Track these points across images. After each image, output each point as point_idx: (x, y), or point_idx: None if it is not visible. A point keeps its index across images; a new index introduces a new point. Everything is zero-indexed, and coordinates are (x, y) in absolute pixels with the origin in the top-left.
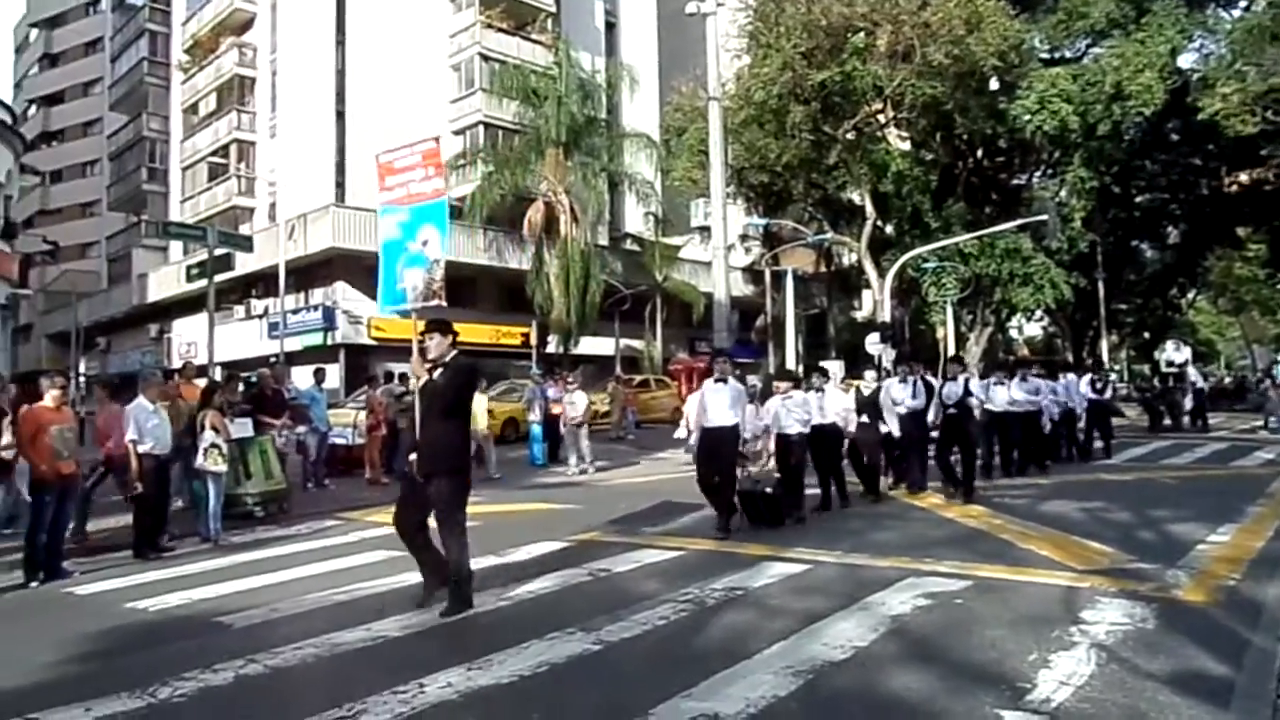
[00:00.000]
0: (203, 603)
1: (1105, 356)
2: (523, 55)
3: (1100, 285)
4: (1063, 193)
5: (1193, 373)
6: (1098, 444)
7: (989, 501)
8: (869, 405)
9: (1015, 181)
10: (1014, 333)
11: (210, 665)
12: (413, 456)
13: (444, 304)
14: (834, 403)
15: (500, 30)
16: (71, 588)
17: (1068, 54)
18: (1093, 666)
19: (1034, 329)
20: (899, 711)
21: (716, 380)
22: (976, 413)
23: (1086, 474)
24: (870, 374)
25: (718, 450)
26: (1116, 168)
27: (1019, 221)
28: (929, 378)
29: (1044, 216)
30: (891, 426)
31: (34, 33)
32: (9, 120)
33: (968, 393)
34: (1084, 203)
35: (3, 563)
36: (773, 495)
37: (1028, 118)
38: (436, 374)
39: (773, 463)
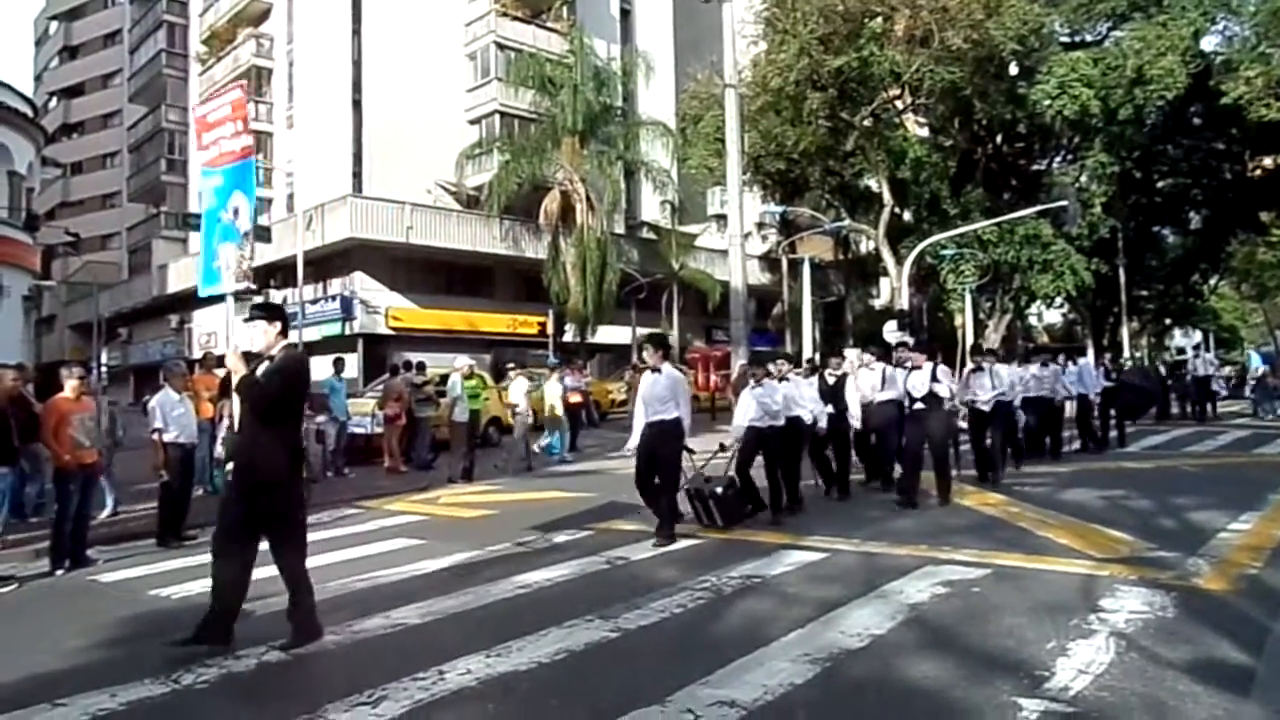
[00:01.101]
0: None
1: (1126, 343)
2: (538, 43)
3: (1121, 271)
4: (1083, 178)
5: (1200, 361)
6: (1113, 433)
7: (1007, 490)
8: (832, 395)
9: (1035, 167)
10: (1033, 320)
11: (232, 652)
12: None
13: (252, 286)
14: (802, 393)
15: (515, 18)
16: (96, 575)
17: (1088, 38)
18: (1112, 655)
19: (1054, 316)
20: (917, 700)
21: (651, 370)
22: (955, 404)
23: (1106, 462)
24: (852, 354)
25: (656, 447)
26: (1138, 152)
27: (1039, 207)
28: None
29: (1064, 202)
30: (854, 418)
31: (54, 25)
32: (30, 113)
33: (935, 380)
34: (1105, 188)
35: (29, 550)
36: (724, 495)
37: (1048, 102)
38: (260, 369)
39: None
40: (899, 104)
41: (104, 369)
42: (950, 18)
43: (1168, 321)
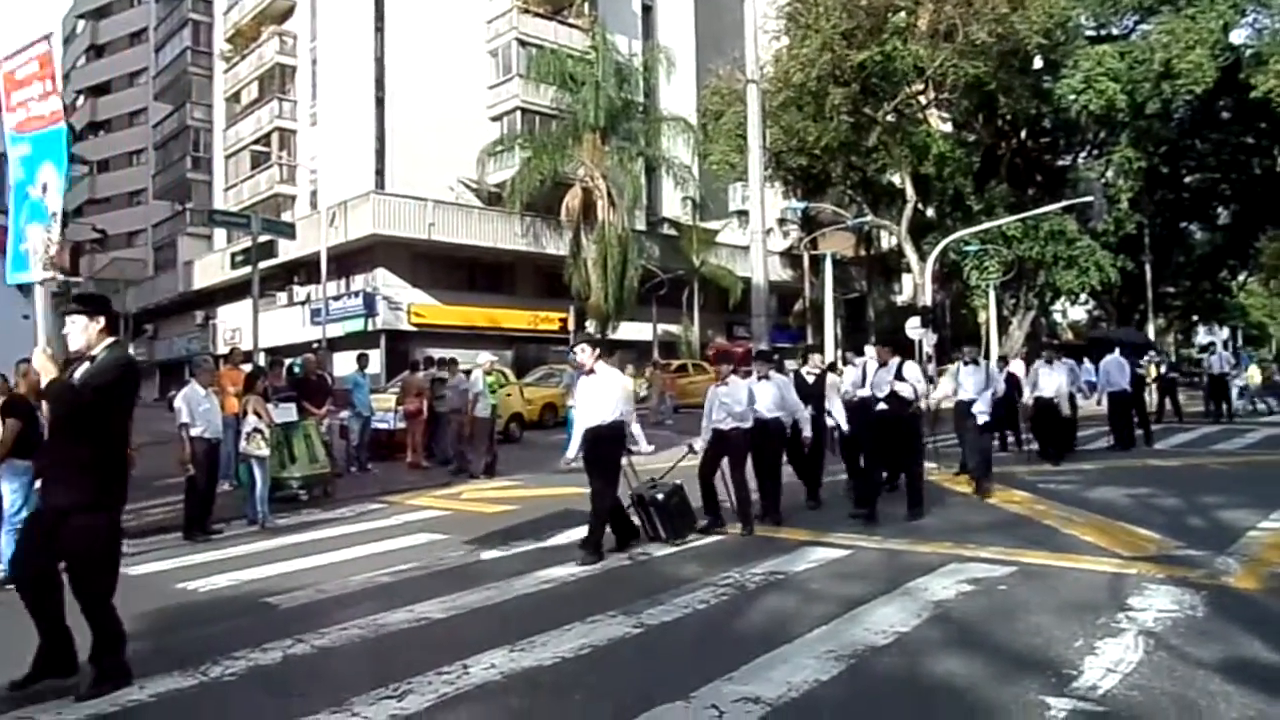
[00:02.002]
0: (251, 584)
1: (1152, 340)
2: (560, 40)
3: (1148, 268)
4: (1109, 173)
5: (1216, 359)
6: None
7: (1032, 487)
8: (814, 396)
9: (1060, 162)
10: (1058, 316)
11: (259, 645)
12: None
13: (68, 276)
14: (770, 394)
15: (537, 15)
16: (124, 568)
17: (1115, 31)
18: (1141, 654)
19: (1079, 313)
20: (943, 698)
21: (586, 372)
22: (926, 403)
23: (1132, 459)
24: (872, 350)
25: (594, 453)
26: (1165, 147)
27: (1064, 203)
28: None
29: (1090, 198)
30: (838, 419)
31: (81, 24)
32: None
33: (900, 379)
34: (1131, 183)
35: None
36: (666, 504)
37: (1073, 97)
38: (78, 372)
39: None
40: (922, 99)
41: None
42: (974, 12)
43: (1195, 319)
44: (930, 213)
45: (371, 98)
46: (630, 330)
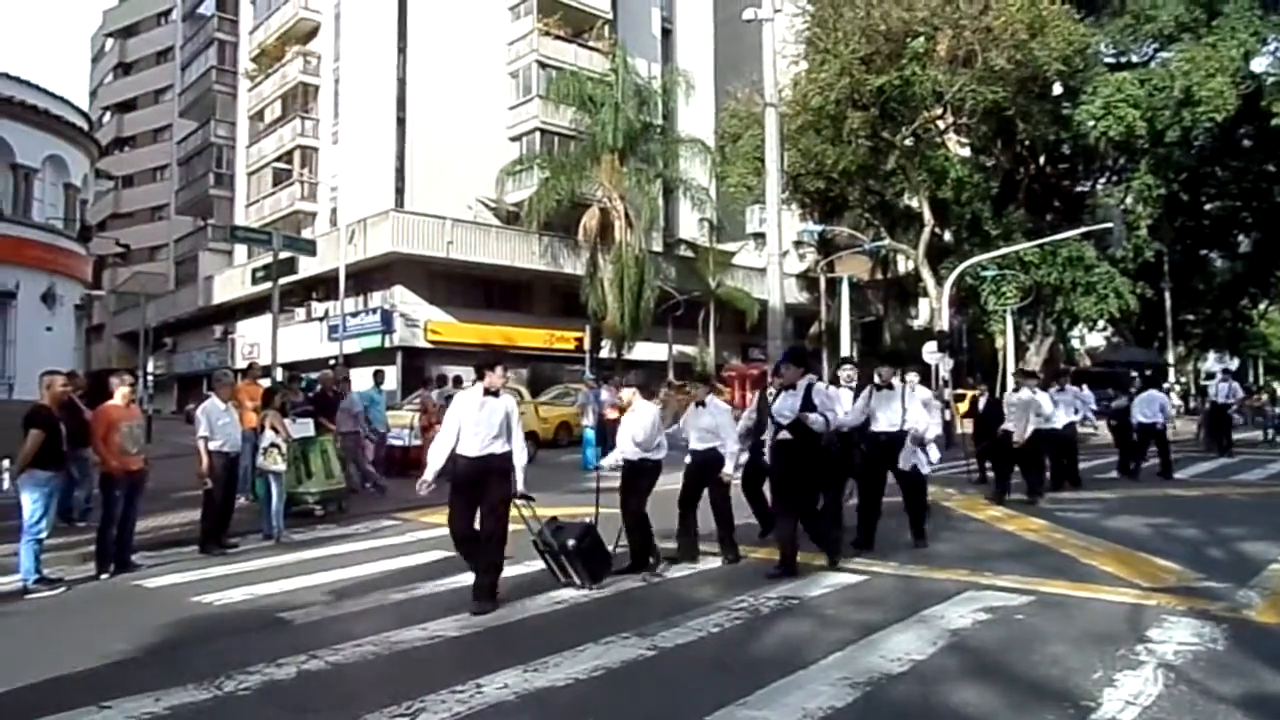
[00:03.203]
0: (266, 598)
1: (1171, 368)
2: (579, 62)
3: (1167, 295)
4: (1128, 200)
5: (1222, 387)
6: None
7: (1050, 515)
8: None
9: (1079, 188)
10: (1075, 343)
11: (274, 660)
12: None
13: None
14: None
15: (557, 38)
16: (140, 580)
17: (1135, 58)
18: (1160, 687)
19: (1097, 339)
20: None
21: (486, 394)
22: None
23: (1152, 489)
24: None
25: (484, 487)
26: (1185, 174)
27: (1082, 229)
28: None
29: (1109, 224)
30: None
31: (109, 42)
32: (86, 127)
33: (809, 406)
34: (1151, 210)
35: (76, 554)
36: (579, 548)
37: (1092, 123)
38: None
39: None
40: (940, 124)
41: (150, 378)
42: (994, 38)
43: (1209, 347)
44: (948, 237)
45: (393, 117)
46: (646, 351)
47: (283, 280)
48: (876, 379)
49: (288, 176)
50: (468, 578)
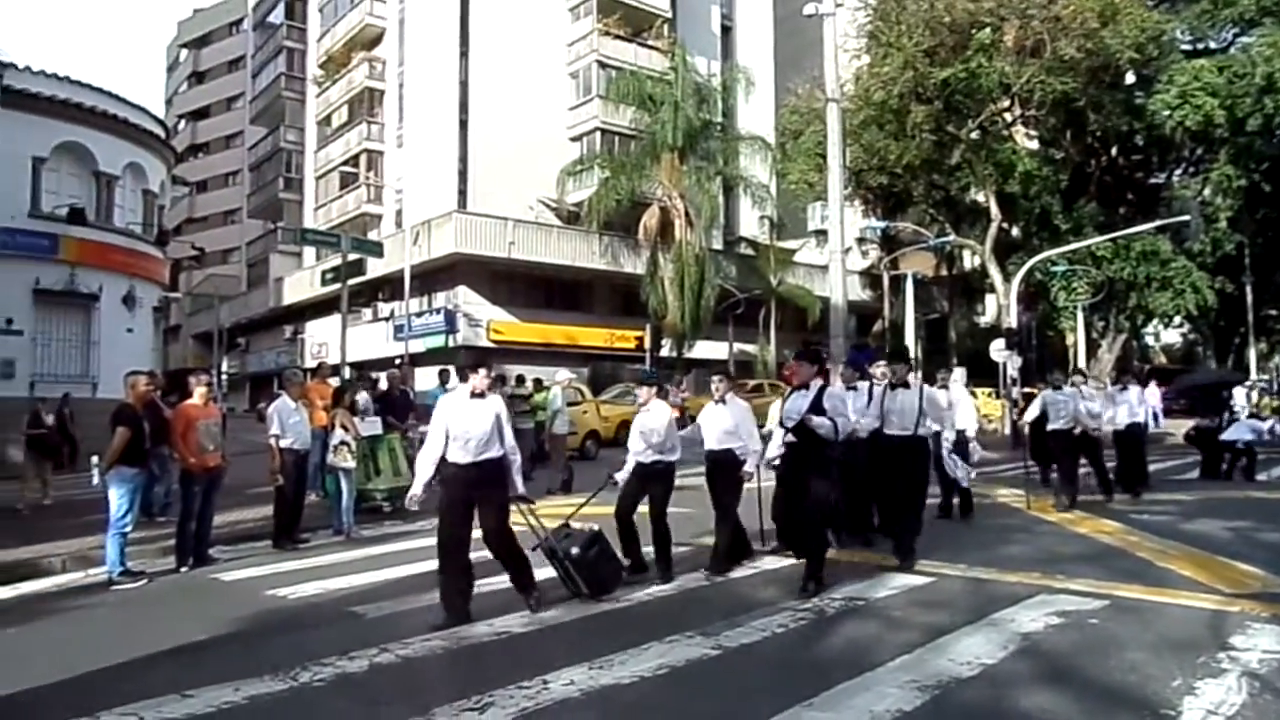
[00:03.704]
0: (337, 593)
1: (1253, 366)
2: (639, 61)
3: (1248, 290)
4: (1206, 191)
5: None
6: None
7: (1124, 517)
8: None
9: (1153, 180)
10: (1150, 340)
11: (346, 652)
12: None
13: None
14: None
15: (617, 37)
16: (218, 574)
17: (1213, 44)
18: (1244, 696)
19: (1172, 336)
20: None
21: (472, 394)
22: (859, 432)
23: (1232, 491)
24: (959, 373)
25: (478, 493)
26: (1267, 164)
27: (1157, 222)
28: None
29: (1185, 217)
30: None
31: (184, 53)
32: (162, 135)
33: (817, 409)
34: (1230, 202)
35: (157, 548)
36: (583, 557)
37: (1168, 113)
38: None
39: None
40: (1008, 116)
41: (224, 377)
42: (1063, 27)
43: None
44: (1015, 232)
45: (455, 120)
46: (706, 349)
47: (350, 281)
48: (892, 377)
49: (354, 180)
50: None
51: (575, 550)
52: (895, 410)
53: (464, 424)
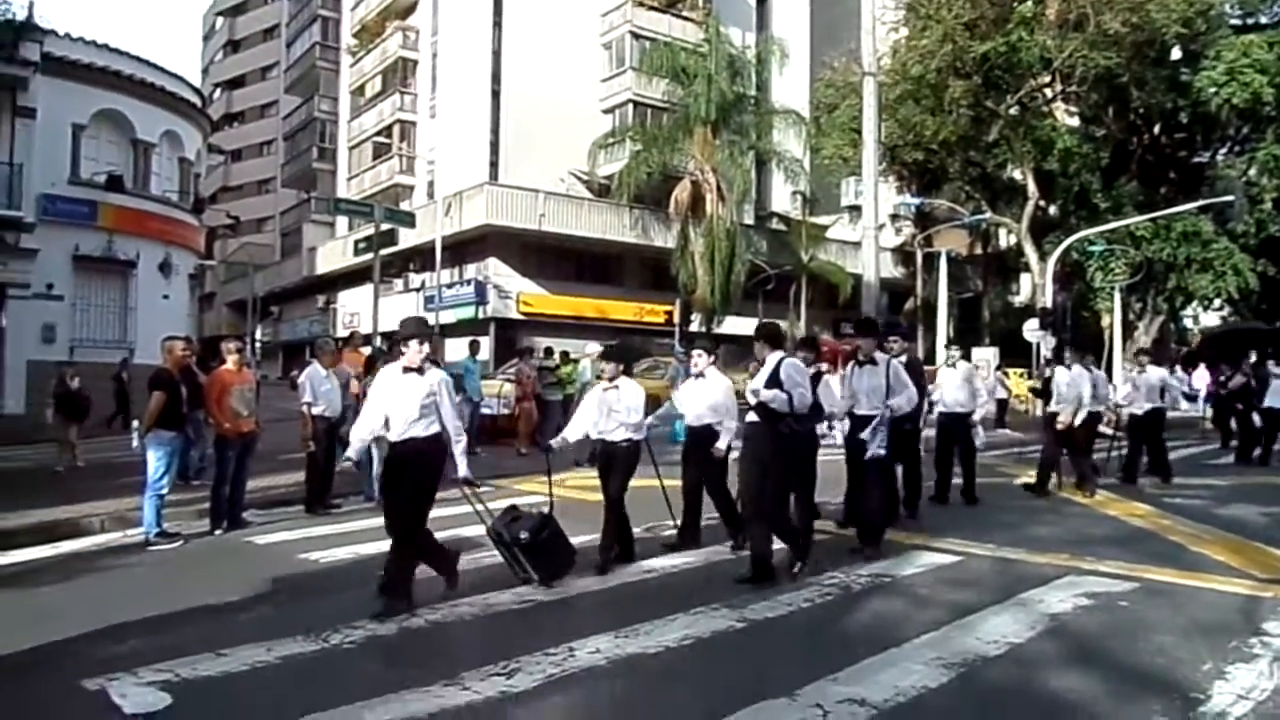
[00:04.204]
0: (368, 558)
1: None
2: (673, 33)
3: None
4: (1251, 171)
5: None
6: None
7: (1156, 501)
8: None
9: (1196, 159)
10: (1189, 322)
11: (376, 616)
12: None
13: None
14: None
15: (651, 8)
16: (251, 537)
17: (1264, 19)
18: (1275, 681)
19: (1212, 319)
20: (1059, 713)
21: (406, 371)
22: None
23: (1268, 476)
24: (988, 352)
25: (401, 474)
26: None
27: (1200, 202)
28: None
29: (1229, 197)
30: (724, 435)
31: (219, 21)
32: (198, 104)
33: (775, 383)
34: (1276, 182)
35: (192, 511)
36: (534, 541)
37: (1214, 90)
38: None
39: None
40: (1048, 92)
41: (258, 345)
42: (1108, 0)
43: None
44: (1053, 210)
45: (488, 91)
46: (736, 324)
47: (382, 252)
48: (859, 355)
49: (387, 150)
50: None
51: (524, 535)
52: (862, 389)
53: (389, 400)
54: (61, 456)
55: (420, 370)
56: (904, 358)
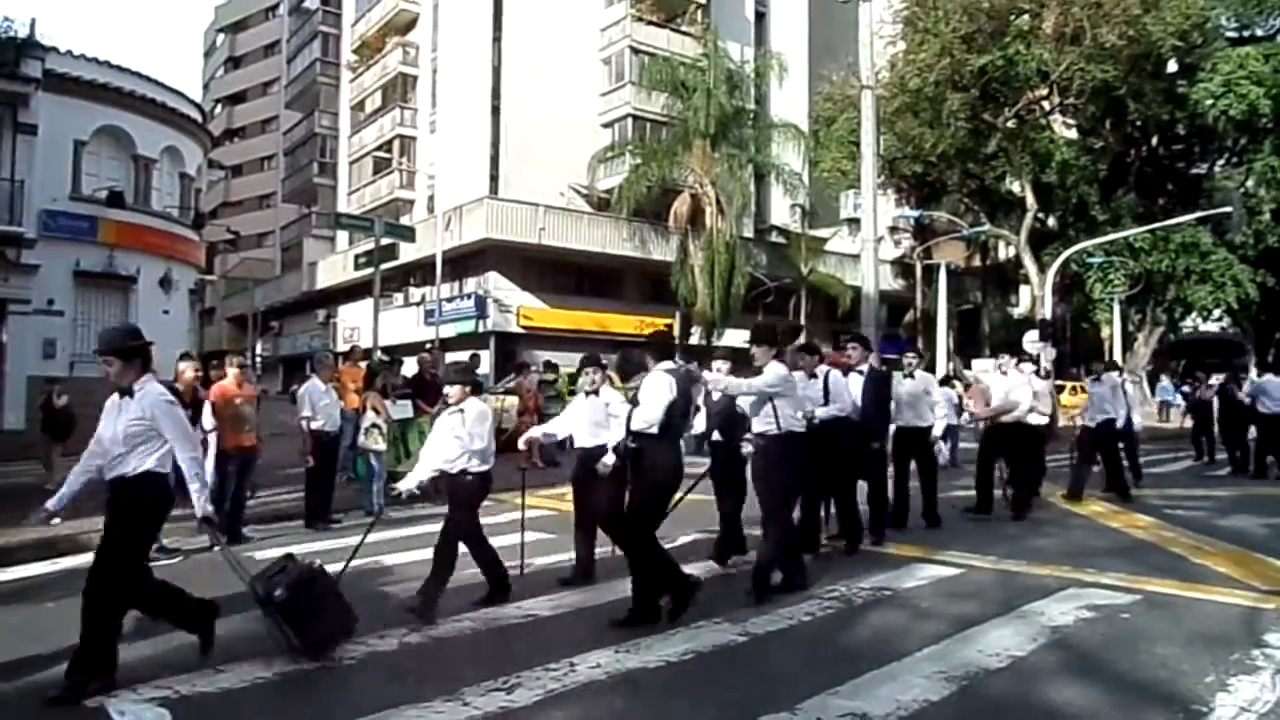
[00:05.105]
0: (368, 573)
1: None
2: (672, 47)
3: None
4: (1249, 183)
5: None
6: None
7: (1158, 512)
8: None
9: (1194, 171)
10: (1188, 333)
11: (377, 631)
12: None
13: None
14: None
15: (650, 23)
16: (251, 552)
17: (1259, 32)
18: (1278, 693)
19: (1211, 329)
20: None
21: (122, 395)
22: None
23: (1270, 487)
24: (1007, 362)
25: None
26: None
27: (1198, 214)
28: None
29: (1227, 208)
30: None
31: (220, 37)
32: (199, 119)
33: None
34: (1274, 193)
35: (191, 527)
36: (287, 602)
37: (1211, 102)
38: None
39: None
40: (1045, 104)
41: (258, 359)
42: (1104, 13)
43: None
44: (1051, 222)
45: (488, 105)
46: (736, 337)
47: (383, 266)
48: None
49: (387, 165)
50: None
51: (280, 593)
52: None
53: (100, 429)
54: (52, 475)
55: (130, 393)
56: (864, 367)
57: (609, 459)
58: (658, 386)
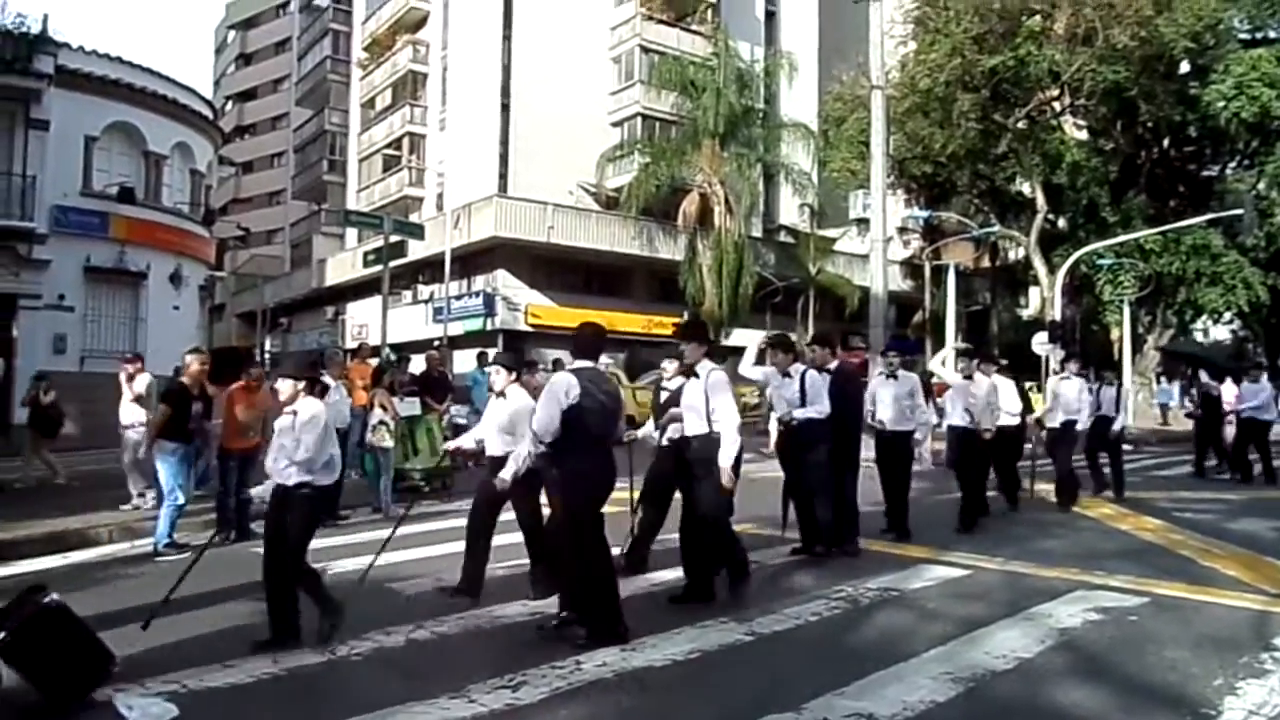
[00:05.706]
0: (375, 569)
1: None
2: (682, 46)
3: None
4: (1261, 185)
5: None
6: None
7: (1167, 515)
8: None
9: (1206, 173)
10: (1198, 336)
11: (383, 628)
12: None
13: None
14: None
15: (660, 22)
16: (259, 548)
17: (1272, 34)
18: None
19: (1221, 332)
20: None
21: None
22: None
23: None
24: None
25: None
26: None
27: (1209, 216)
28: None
29: (1239, 210)
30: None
31: (231, 34)
32: (210, 115)
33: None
34: None
35: (200, 522)
36: (10, 645)
37: (1223, 104)
38: None
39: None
40: (1056, 105)
41: (267, 356)
42: (1116, 14)
43: None
44: (1062, 224)
45: (497, 104)
46: (744, 337)
47: (392, 263)
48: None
49: (397, 162)
50: None
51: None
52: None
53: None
54: (47, 473)
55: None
56: (831, 365)
57: (506, 473)
58: (549, 392)
